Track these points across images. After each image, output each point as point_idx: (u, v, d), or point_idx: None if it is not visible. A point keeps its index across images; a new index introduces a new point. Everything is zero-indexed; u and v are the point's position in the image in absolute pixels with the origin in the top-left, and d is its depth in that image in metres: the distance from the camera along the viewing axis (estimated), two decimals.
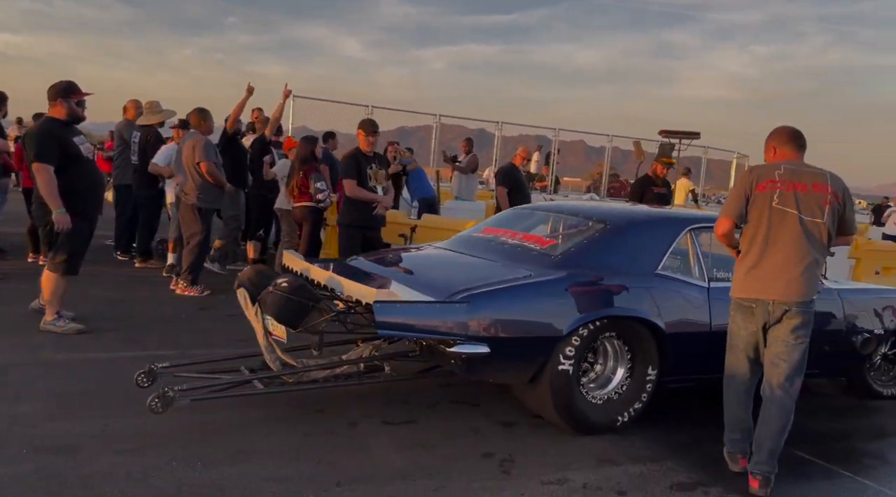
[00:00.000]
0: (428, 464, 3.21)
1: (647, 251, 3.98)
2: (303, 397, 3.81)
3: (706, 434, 3.82)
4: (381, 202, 5.94)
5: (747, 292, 3.30)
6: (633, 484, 3.17)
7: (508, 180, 7.81)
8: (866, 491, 3.30)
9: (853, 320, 4.43)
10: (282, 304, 3.47)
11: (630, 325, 3.73)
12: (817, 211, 3.18)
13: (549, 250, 4.10)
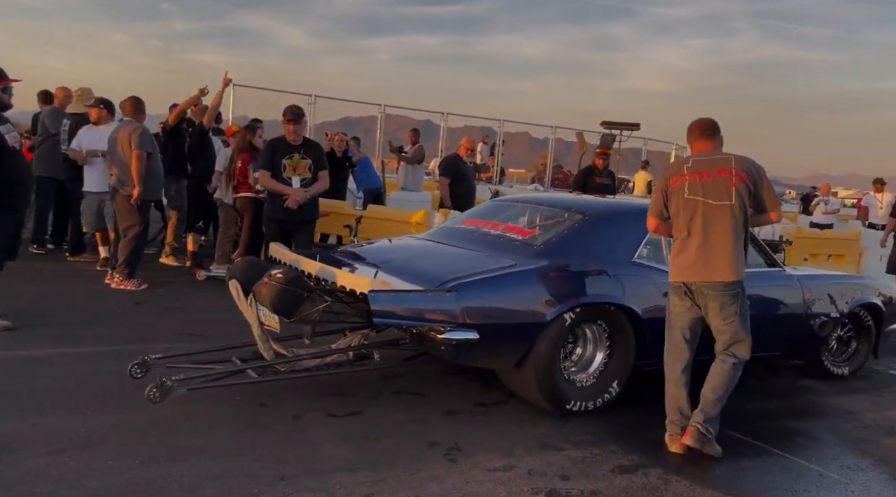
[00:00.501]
0: (373, 455, 3.19)
1: (623, 241, 4.17)
2: (246, 392, 3.73)
3: (648, 418, 3.90)
4: (290, 195, 5.56)
5: (676, 276, 3.55)
6: (576, 468, 3.23)
7: (451, 171, 7.82)
8: (796, 468, 3.44)
9: (812, 304, 4.68)
10: (278, 294, 3.57)
11: (609, 310, 3.90)
12: (724, 195, 3.39)
13: (530, 240, 4.24)
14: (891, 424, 4.14)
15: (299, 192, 5.61)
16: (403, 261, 4.24)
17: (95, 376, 3.95)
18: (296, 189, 5.61)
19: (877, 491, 3.24)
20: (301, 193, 5.61)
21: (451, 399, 4.02)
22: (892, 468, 3.50)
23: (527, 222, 4.68)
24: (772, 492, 3.17)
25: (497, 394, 4.17)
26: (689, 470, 3.31)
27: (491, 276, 3.73)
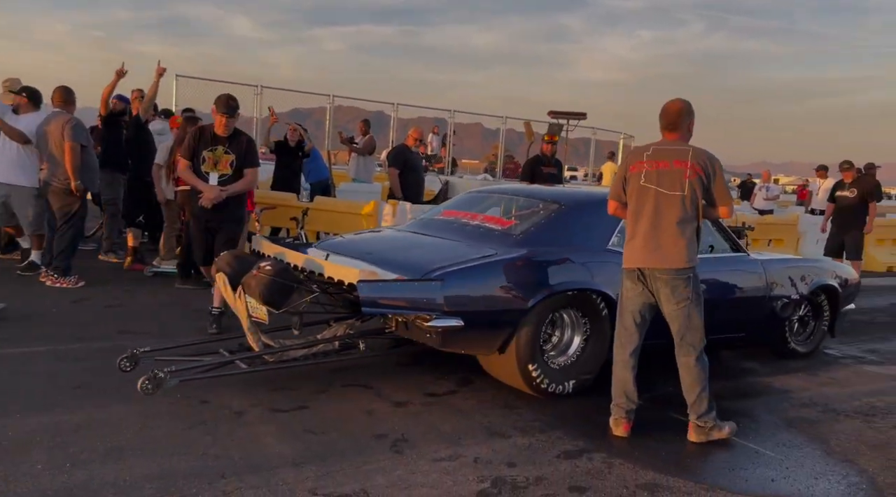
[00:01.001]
0: (318, 449, 3.15)
1: (597, 229, 4.30)
2: (187, 390, 3.63)
3: (596, 403, 3.95)
4: (203, 192, 4.87)
5: (628, 262, 3.60)
6: (522, 455, 3.25)
7: (399, 161, 7.75)
8: (735, 447, 3.53)
9: (773, 287, 4.89)
10: (267, 286, 3.65)
11: (585, 296, 4.03)
12: (677, 186, 3.44)
13: (509, 230, 4.36)
14: (825, 402, 4.29)
15: (213, 190, 4.88)
16: (387, 251, 4.29)
17: (28, 377, 3.80)
18: (210, 186, 4.90)
19: (809, 466, 3.34)
20: (215, 191, 4.87)
21: (402, 391, 4.00)
22: (825, 444, 3.63)
23: (504, 212, 4.79)
24: (710, 470, 3.24)
25: (448, 384, 4.18)
26: (632, 453, 3.36)
27: (474, 265, 3.84)
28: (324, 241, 4.77)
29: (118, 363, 3.71)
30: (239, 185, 4.98)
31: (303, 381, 3.98)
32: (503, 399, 3.98)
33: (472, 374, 4.38)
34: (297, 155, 8.34)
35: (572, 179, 28.74)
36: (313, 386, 3.95)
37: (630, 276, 3.61)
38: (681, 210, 3.44)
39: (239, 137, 5.00)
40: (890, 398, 4.46)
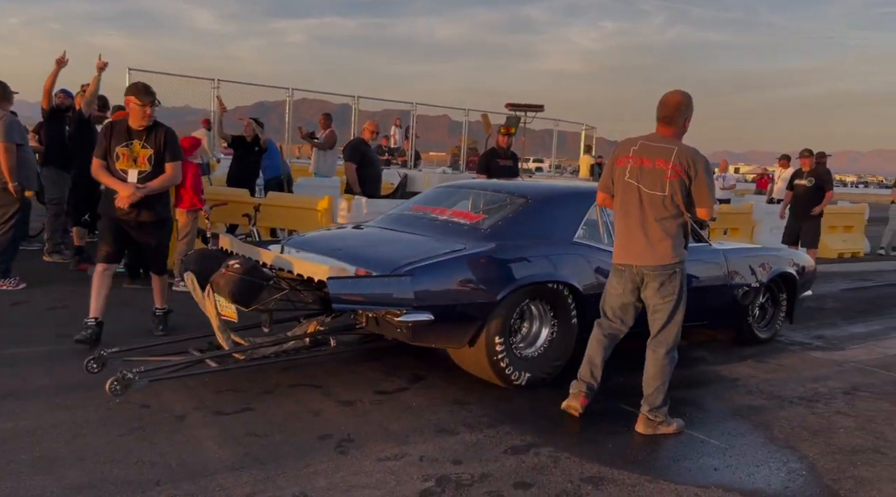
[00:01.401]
0: (260, 452, 3.08)
1: (563, 222, 4.39)
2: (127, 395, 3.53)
3: (546, 396, 3.96)
4: (119, 191, 4.42)
5: (617, 257, 3.65)
6: (468, 452, 3.22)
7: (357, 156, 7.65)
8: (682, 436, 3.55)
9: (734, 276, 5.05)
10: (236, 284, 3.63)
11: (553, 288, 4.10)
12: (658, 185, 3.45)
13: (478, 224, 4.39)
14: (771, 390, 4.35)
15: (128, 188, 4.42)
16: (356, 248, 4.28)
17: None
18: (126, 184, 4.44)
19: (752, 454, 3.38)
20: (130, 189, 4.42)
21: (351, 389, 3.95)
22: (768, 431, 3.67)
23: (472, 207, 4.85)
24: (656, 462, 3.25)
25: (400, 381, 4.14)
26: (579, 445, 3.36)
27: (443, 259, 3.86)
28: (292, 238, 4.71)
29: (85, 365, 3.64)
30: (158, 182, 4.55)
31: (249, 383, 3.90)
32: (454, 395, 3.95)
33: (425, 370, 4.36)
34: (252, 150, 8.18)
35: (538, 171, 28.88)
36: (260, 387, 3.87)
37: (618, 271, 3.64)
38: (662, 209, 3.46)
39: (157, 129, 4.56)
40: (833, 383, 4.55)
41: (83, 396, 3.52)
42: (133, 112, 4.47)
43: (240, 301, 3.66)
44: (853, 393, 4.38)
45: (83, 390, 3.63)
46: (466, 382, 4.17)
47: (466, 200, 4.98)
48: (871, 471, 3.25)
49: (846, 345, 5.63)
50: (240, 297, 3.65)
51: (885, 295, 8.21)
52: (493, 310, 3.85)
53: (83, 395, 3.55)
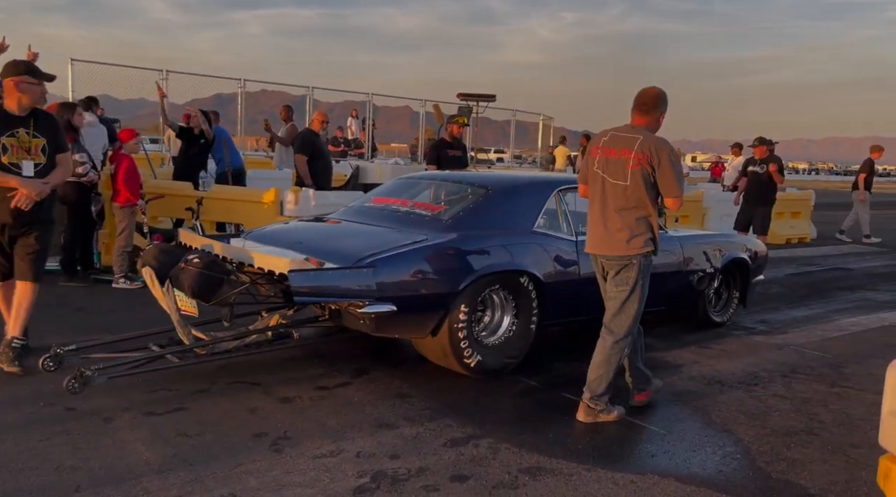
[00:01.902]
0: (190, 454, 2.99)
1: (523, 212, 4.44)
2: (52, 396, 3.40)
3: (488, 387, 3.95)
4: (19, 188, 3.77)
5: (587, 247, 3.71)
6: (407, 446, 3.18)
7: (308, 148, 7.48)
8: (623, 423, 3.57)
9: (690, 262, 5.18)
10: (196, 279, 3.61)
11: (514, 277, 4.14)
12: (620, 175, 3.46)
13: (439, 215, 4.41)
14: (711, 375, 4.41)
15: (34, 185, 3.82)
16: (318, 240, 4.27)
17: None
18: (29, 180, 3.82)
19: (689, 439, 3.41)
20: (37, 186, 3.83)
21: (291, 385, 3.87)
22: (706, 416, 3.72)
23: (433, 198, 4.86)
24: (595, 449, 3.26)
25: (342, 376, 4.08)
26: (519, 436, 3.34)
27: (405, 250, 3.87)
28: (252, 232, 4.69)
29: (41, 363, 3.59)
30: (58, 176, 4.01)
31: (184, 381, 3.79)
32: (397, 389, 3.91)
33: (368, 364, 4.30)
34: (198, 142, 7.94)
35: (499, 162, 28.91)
36: (195, 386, 3.77)
37: (592, 260, 3.71)
38: (623, 199, 3.46)
39: (41, 115, 4.00)
40: (772, 367, 4.63)
41: (4, 401, 3.37)
42: (26, 94, 3.82)
43: (200, 295, 3.63)
44: (791, 376, 4.46)
45: (4, 394, 3.49)
46: (410, 375, 4.13)
47: (428, 191, 5.00)
48: (803, 452, 3.31)
49: (788, 328, 5.75)
50: (200, 291, 3.62)
51: (827, 279, 8.43)
52: (455, 299, 3.87)
53: (4, 400, 3.40)
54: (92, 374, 3.25)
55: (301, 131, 7.32)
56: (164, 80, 14.66)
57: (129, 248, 6.05)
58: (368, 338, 4.75)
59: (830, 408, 3.90)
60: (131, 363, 3.56)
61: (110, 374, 3.40)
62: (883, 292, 7.63)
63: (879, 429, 2.02)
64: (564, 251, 4.40)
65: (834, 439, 3.47)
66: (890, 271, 9.28)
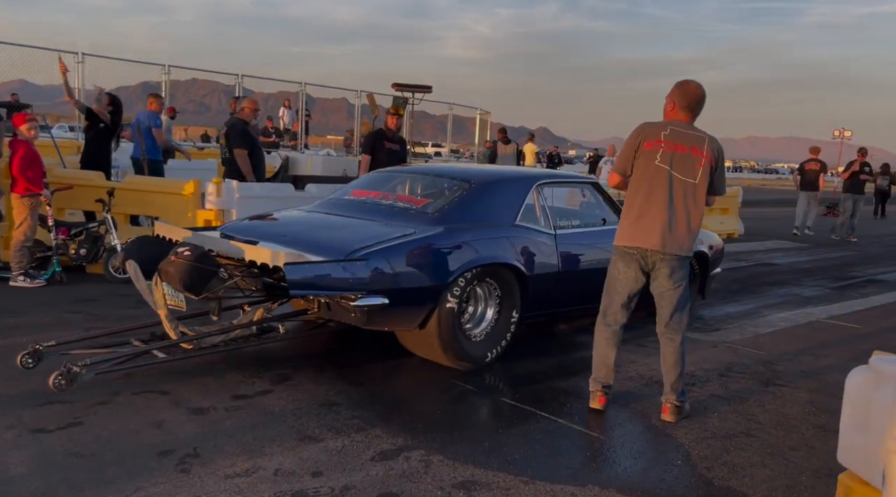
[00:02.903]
0: (80, 477, 2.64)
1: (506, 206, 4.49)
2: None
3: (420, 393, 3.75)
4: None
5: (630, 241, 3.51)
6: (332, 461, 2.92)
7: (247, 140, 6.87)
8: (560, 430, 3.40)
9: None
10: (187, 272, 3.52)
11: (498, 270, 4.20)
12: (691, 172, 3.43)
13: (424, 208, 4.41)
14: (650, 375, 4.31)
15: None
16: (303, 233, 4.20)
17: None
18: None
19: (630, 445, 3.28)
20: None
21: (205, 394, 3.54)
22: (646, 420, 3.59)
23: (417, 191, 4.89)
24: (534, 458, 3.07)
25: (262, 383, 3.77)
26: (453, 446, 3.13)
27: (396, 244, 3.86)
28: (227, 225, 4.60)
29: (19, 360, 3.48)
30: None
31: (83, 392, 3.41)
32: (323, 396, 3.63)
33: (292, 369, 4.01)
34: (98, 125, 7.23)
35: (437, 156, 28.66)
36: (94, 396, 3.40)
37: (627, 256, 3.53)
38: (692, 197, 3.44)
39: None
40: (708, 365, 4.58)
41: None
42: None
43: (191, 289, 3.55)
44: (727, 374, 4.41)
45: None
46: (338, 381, 3.86)
47: (408, 185, 5.00)
48: (743, 456, 3.21)
49: (721, 325, 5.75)
50: (191, 285, 3.54)
51: (756, 274, 8.58)
52: (443, 292, 3.90)
53: None
54: (80, 371, 3.18)
55: (233, 122, 6.79)
56: (80, 63, 13.80)
57: (28, 243, 5.54)
58: (296, 340, 4.46)
59: (767, 408, 3.85)
60: (117, 359, 3.48)
61: (97, 369, 3.31)
62: (808, 287, 7.81)
63: (839, 444, 1.88)
64: (545, 245, 4.50)
65: (772, 441, 3.40)
66: (813, 266, 9.56)
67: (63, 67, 7.05)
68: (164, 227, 4.32)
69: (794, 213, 13.74)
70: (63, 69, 7.06)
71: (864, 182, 13.03)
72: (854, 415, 1.82)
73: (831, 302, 7.03)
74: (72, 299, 5.37)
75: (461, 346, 4.04)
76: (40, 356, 3.54)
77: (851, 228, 13.05)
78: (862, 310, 6.77)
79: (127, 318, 4.90)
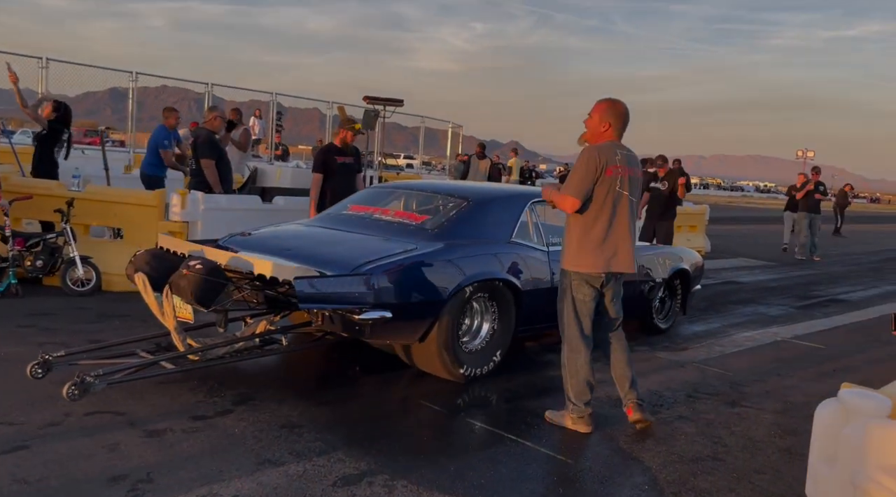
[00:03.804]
0: None
1: (502, 223, 4.64)
2: None
3: (386, 415, 3.67)
4: None
5: (603, 267, 3.55)
6: (291, 487, 2.83)
7: (215, 151, 6.69)
8: (528, 453, 3.35)
9: (642, 272, 5.49)
10: (199, 285, 3.57)
11: (495, 285, 4.33)
12: (637, 193, 3.67)
13: (424, 225, 4.53)
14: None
15: None
16: (307, 247, 4.28)
17: None
18: None
19: (597, 469, 3.24)
20: None
21: (162, 415, 3.42)
22: (613, 442, 3.56)
23: (415, 207, 4.99)
24: (500, 483, 3.02)
25: (223, 402, 3.66)
26: (418, 470, 3.06)
27: (400, 259, 3.96)
28: (230, 238, 4.61)
29: (29, 370, 3.47)
30: None
31: (32, 412, 3.27)
32: (285, 417, 3.53)
33: (253, 389, 3.91)
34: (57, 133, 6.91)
35: (408, 168, 28.63)
36: (45, 417, 3.26)
37: (594, 280, 3.59)
38: (634, 217, 3.63)
39: None
40: (676, 386, 4.58)
41: None
42: None
43: (202, 301, 3.61)
44: (694, 395, 4.41)
45: None
46: (300, 402, 3.77)
47: (409, 201, 5.10)
48: (709, 480, 3.20)
49: (689, 344, 5.77)
50: (202, 297, 3.60)
51: (722, 292, 8.67)
52: (444, 306, 4.00)
53: None
54: (93, 381, 3.21)
55: (200, 132, 6.63)
56: (44, 68, 13.49)
57: None
58: (259, 360, 4.36)
59: (733, 430, 3.85)
60: (128, 369, 3.52)
61: (110, 380, 3.35)
62: (773, 306, 7.91)
63: (807, 477, 1.86)
64: (539, 261, 4.64)
65: (738, 465, 3.39)
66: (778, 285, 9.70)
67: (13, 77, 6.79)
68: (169, 240, 4.32)
69: (758, 231, 13.98)
70: (13, 79, 6.80)
71: (820, 201, 13.34)
72: (823, 449, 1.80)
73: (796, 321, 7.12)
74: (27, 312, 5.18)
75: (458, 359, 4.14)
76: (49, 367, 3.54)
77: (814, 247, 13.31)
78: (825, 330, 6.87)
79: (83, 332, 4.75)
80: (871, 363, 5.63)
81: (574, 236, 3.60)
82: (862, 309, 8.21)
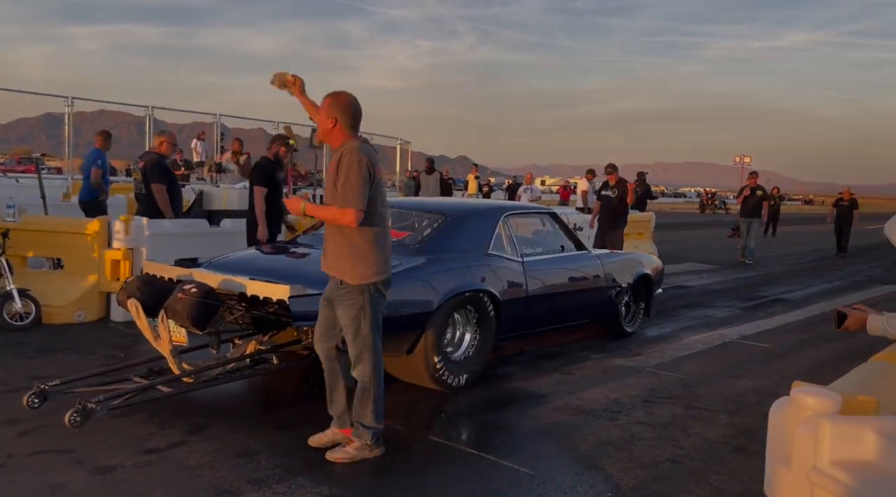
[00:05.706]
0: None
1: (478, 236, 4.85)
2: None
3: None
4: None
5: (389, 272, 3.39)
6: None
7: (165, 176, 6.49)
8: (488, 467, 3.34)
9: (609, 278, 5.83)
10: (195, 308, 3.64)
11: (477, 296, 4.52)
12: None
13: (405, 240, 4.63)
14: (576, 404, 4.32)
15: None
16: (293, 267, 4.40)
17: None
18: None
19: (559, 479, 3.23)
20: None
21: (111, 451, 3.29)
22: (574, 451, 3.58)
23: (393, 224, 4.90)
24: None
25: (175, 434, 3.54)
26: (380, 491, 3.02)
27: None
28: (212, 261, 4.65)
29: (26, 401, 3.52)
30: None
31: None
32: (241, 445, 3.44)
33: (206, 418, 3.79)
34: None
35: None
36: None
37: (386, 286, 3.45)
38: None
39: None
40: (633, 392, 4.64)
41: None
42: None
43: (197, 324, 3.67)
44: (651, 400, 4.48)
45: None
46: (257, 429, 3.68)
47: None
48: (669, 484, 3.24)
49: (643, 349, 5.87)
50: (198, 320, 3.66)
51: (671, 296, 8.86)
52: (429, 319, 4.16)
53: None
54: (95, 407, 3.25)
55: (151, 157, 6.42)
56: None
57: None
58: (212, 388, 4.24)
59: (689, 432, 3.92)
60: (126, 395, 3.53)
61: (110, 406, 3.39)
62: (720, 308, 8.13)
63: (765, 477, 1.90)
64: (514, 271, 4.87)
65: (696, 467, 3.45)
66: (724, 288, 9.98)
67: None
68: (154, 265, 4.31)
69: (702, 235, 14.37)
70: None
71: (759, 204, 13.57)
72: (779, 448, 1.85)
73: (742, 322, 7.33)
74: None
75: (445, 368, 4.29)
76: (46, 396, 3.57)
77: (750, 251, 13.55)
78: (770, 329, 7.09)
79: (24, 369, 4.54)
80: (818, 360, 5.83)
81: (365, 245, 3.23)
82: (803, 307, 8.52)
